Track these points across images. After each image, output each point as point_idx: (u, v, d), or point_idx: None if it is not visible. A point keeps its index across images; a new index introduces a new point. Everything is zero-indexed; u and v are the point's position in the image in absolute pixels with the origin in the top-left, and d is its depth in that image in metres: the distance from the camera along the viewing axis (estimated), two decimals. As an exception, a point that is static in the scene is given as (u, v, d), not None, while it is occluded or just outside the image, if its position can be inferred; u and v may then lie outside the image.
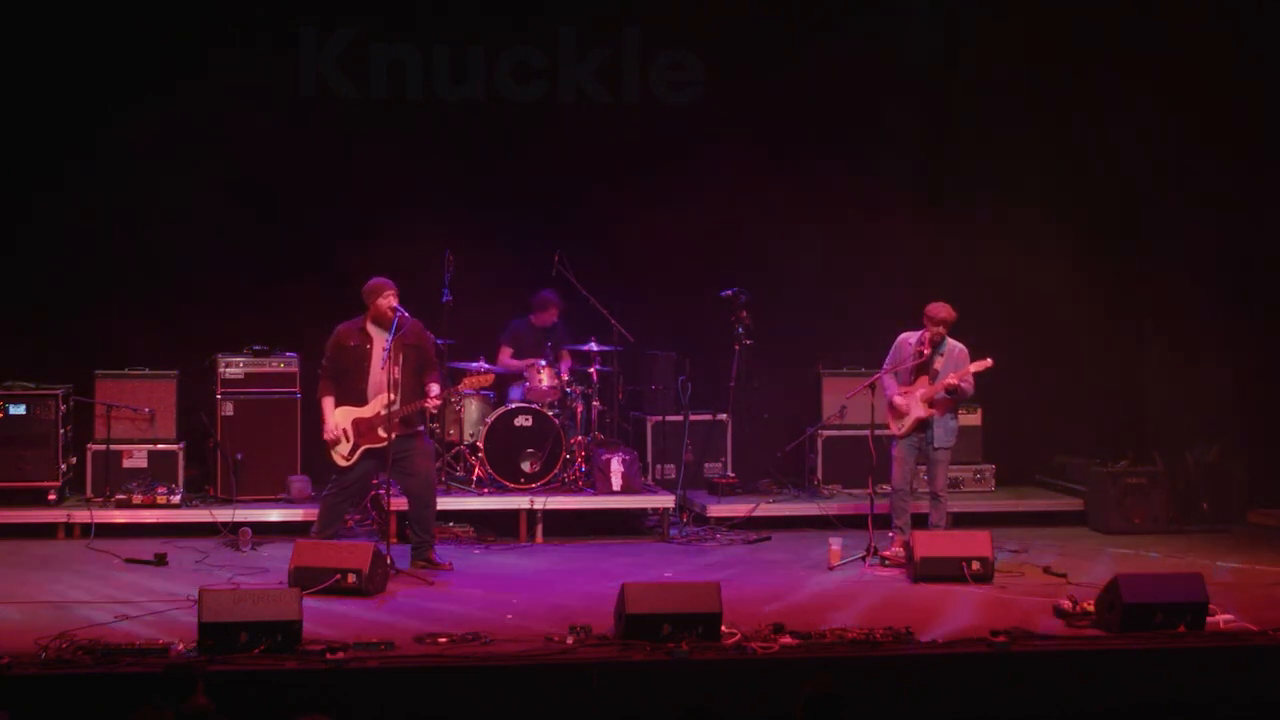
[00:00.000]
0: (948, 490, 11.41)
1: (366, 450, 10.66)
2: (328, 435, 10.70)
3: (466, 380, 11.20)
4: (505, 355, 12.93)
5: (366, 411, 10.66)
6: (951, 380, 11.07)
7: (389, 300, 10.67)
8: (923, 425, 11.18)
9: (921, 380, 11.20)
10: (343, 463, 10.72)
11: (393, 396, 10.56)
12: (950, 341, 11.24)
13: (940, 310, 11.20)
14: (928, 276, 13.16)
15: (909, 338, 11.35)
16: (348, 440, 10.67)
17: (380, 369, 10.64)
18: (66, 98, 12.89)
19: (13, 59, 12.81)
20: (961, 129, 13.95)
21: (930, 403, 11.14)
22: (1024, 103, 13.89)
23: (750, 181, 13.81)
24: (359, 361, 10.71)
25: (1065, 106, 13.91)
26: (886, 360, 11.41)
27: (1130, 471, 12.82)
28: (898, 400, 11.22)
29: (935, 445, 11.18)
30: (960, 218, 13.76)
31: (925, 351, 11.16)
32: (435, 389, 10.73)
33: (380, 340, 10.68)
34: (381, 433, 10.58)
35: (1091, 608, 9.19)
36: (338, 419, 10.69)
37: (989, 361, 11.10)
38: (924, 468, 11.44)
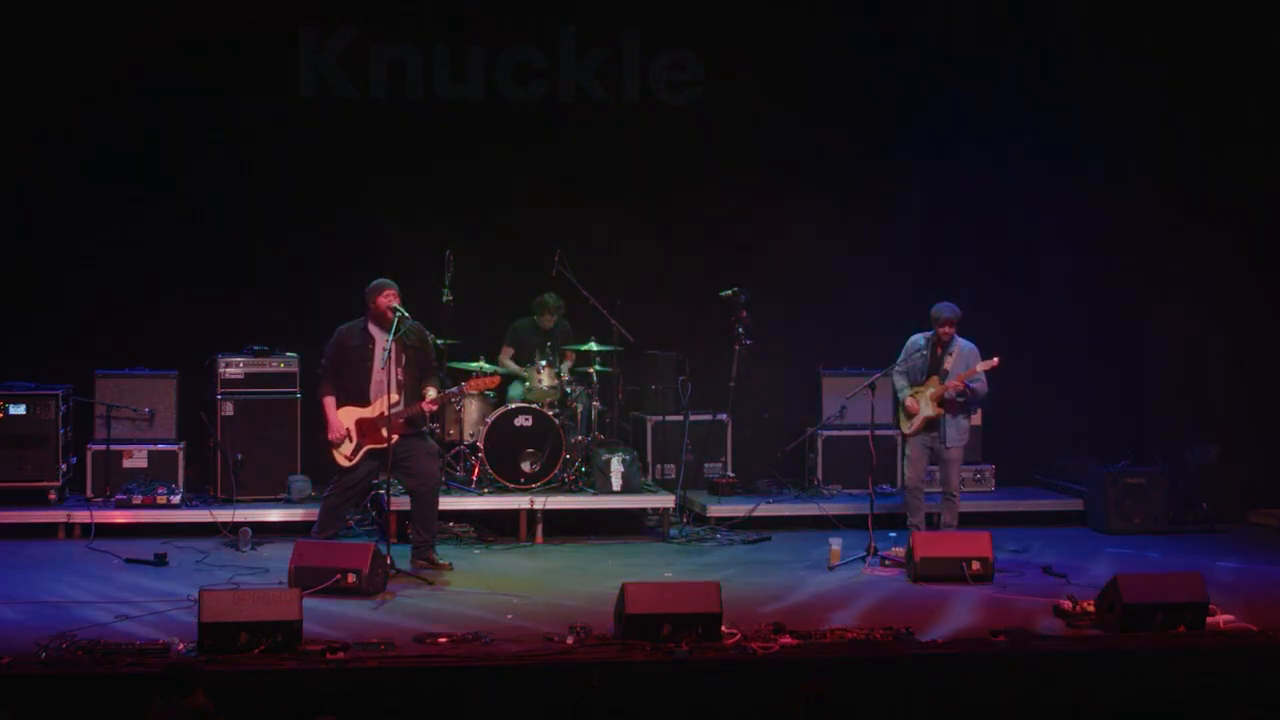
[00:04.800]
0: (960, 490, 11.41)
1: (370, 450, 10.66)
2: (333, 435, 10.68)
3: (472, 381, 11.20)
4: (506, 356, 12.93)
5: (370, 412, 10.66)
6: (956, 383, 11.08)
7: (388, 300, 10.65)
8: (932, 425, 11.20)
9: (932, 380, 11.22)
10: (345, 463, 10.71)
11: (396, 397, 10.57)
12: (961, 341, 11.26)
13: (944, 310, 11.23)
14: (928, 276, 13.17)
15: (919, 338, 11.36)
16: (351, 441, 10.67)
17: (380, 369, 10.64)
18: (66, 94, 12.87)
19: (12, 52, 12.79)
20: (963, 130, 13.93)
21: (939, 402, 11.15)
22: (1026, 102, 13.89)
23: (750, 181, 13.81)
24: (361, 362, 10.71)
25: (1068, 103, 13.91)
26: (899, 361, 11.41)
27: (1130, 471, 12.82)
28: (908, 401, 11.23)
29: (947, 445, 11.21)
30: (961, 217, 13.77)
31: (939, 350, 11.19)
32: (432, 393, 10.74)
33: (382, 341, 10.67)
34: (385, 432, 10.57)
35: (1091, 608, 9.20)
36: (341, 419, 10.69)
37: (994, 361, 11.11)
38: (935, 467, 11.45)
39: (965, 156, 13.85)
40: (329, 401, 10.73)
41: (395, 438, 10.56)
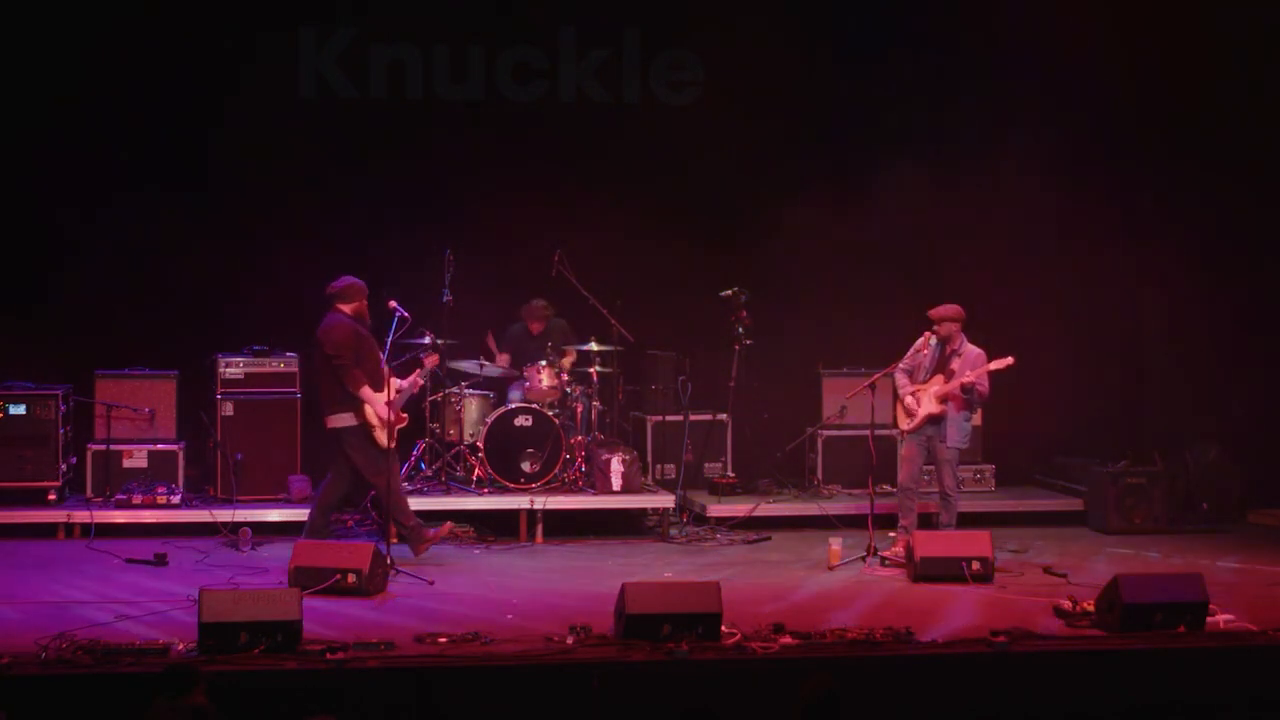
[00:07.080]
0: (958, 490, 11.42)
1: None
2: (395, 416, 10.68)
3: (426, 361, 11.22)
4: (503, 360, 12.94)
5: (389, 395, 10.72)
6: (969, 378, 11.09)
7: (365, 303, 10.86)
8: (933, 422, 11.21)
9: (936, 379, 11.23)
10: (389, 444, 10.71)
11: (400, 382, 10.82)
12: (968, 345, 11.26)
13: (948, 310, 11.22)
14: (928, 277, 13.16)
15: (926, 338, 11.34)
16: (391, 422, 10.73)
17: (382, 357, 10.89)
18: (63, 92, 12.87)
19: (12, 52, 12.80)
20: (963, 128, 13.93)
21: (942, 400, 11.16)
22: (1024, 101, 13.89)
23: (749, 181, 13.81)
24: (372, 351, 10.84)
25: (1067, 99, 13.92)
26: (904, 359, 11.40)
27: (1130, 471, 12.82)
28: (909, 398, 11.23)
29: (948, 444, 11.21)
30: (960, 218, 13.76)
31: (946, 351, 11.17)
32: (420, 370, 10.98)
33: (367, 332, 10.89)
34: (401, 412, 10.82)
35: (1091, 608, 9.20)
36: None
37: (1010, 359, 11.11)
38: (932, 467, 11.45)
39: (964, 155, 13.84)
40: (367, 390, 10.71)
41: (406, 417, 10.87)
